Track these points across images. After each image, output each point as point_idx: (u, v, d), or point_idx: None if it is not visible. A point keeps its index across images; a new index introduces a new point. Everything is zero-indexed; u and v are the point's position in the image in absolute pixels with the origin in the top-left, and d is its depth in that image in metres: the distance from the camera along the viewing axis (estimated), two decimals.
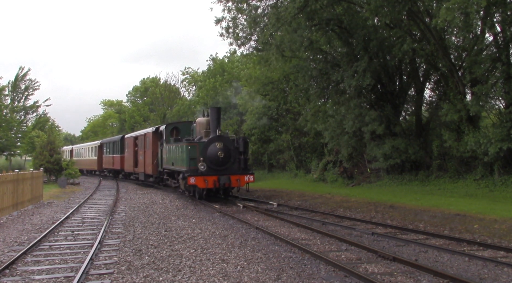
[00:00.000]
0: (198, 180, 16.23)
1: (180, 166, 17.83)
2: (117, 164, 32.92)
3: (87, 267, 7.44)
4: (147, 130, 25.77)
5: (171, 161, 19.62)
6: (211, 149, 16.68)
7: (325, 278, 6.79)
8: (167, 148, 20.53)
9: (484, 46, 17.37)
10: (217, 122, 17.36)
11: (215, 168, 16.64)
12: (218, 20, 22.87)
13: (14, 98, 47.48)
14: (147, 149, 24.53)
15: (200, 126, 18.60)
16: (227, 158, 16.79)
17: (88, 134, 76.28)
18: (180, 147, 17.93)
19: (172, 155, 19.42)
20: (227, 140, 17.12)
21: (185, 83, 54.87)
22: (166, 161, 20.81)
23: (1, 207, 13.77)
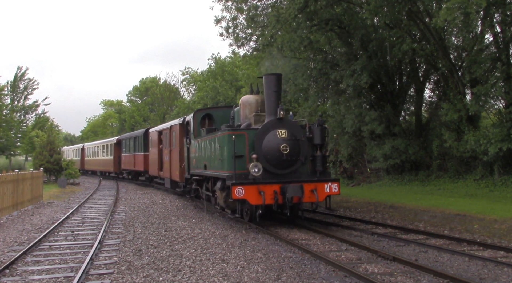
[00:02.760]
0: (249, 192, 10.20)
1: (217, 169, 11.79)
2: (140, 164, 27.24)
3: (87, 267, 7.44)
4: (173, 123, 19.54)
5: (202, 162, 13.58)
6: (269, 140, 10.68)
7: (325, 278, 6.79)
8: (197, 144, 14.43)
9: (484, 46, 17.37)
10: (277, 99, 11.11)
11: (275, 172, 10.74)
12: (218, 20, 22.89)
13: (14, 98, 47.48)
14: (173, 147, 18.62)
15: (246, 108, 12.33)
16: (295, 155, 10.81)
17: (88, 134, 76.30)
18: (217, 139, 11.77)
19: (205, 153, 13.30)
20: (294, 126, 11.12)
21: (185, 83, 54.90)
22: (196, 162, 14.67)
23: (1, 207, 13.77)
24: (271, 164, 10.72)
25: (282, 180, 10.66)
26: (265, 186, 10.37)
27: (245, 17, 22.08)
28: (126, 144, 31.74)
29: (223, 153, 11.23)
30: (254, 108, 12.15)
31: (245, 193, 10.21)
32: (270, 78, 11.24)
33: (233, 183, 10.26)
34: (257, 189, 10.30)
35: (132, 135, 30.62)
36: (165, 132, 20.75)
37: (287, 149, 10.63)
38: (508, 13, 15.34)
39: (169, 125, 19.98)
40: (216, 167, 11.89)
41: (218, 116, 15.21)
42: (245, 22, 22.40)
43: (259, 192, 10.26)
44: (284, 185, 10.43)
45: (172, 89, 54.43)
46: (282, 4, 20.54)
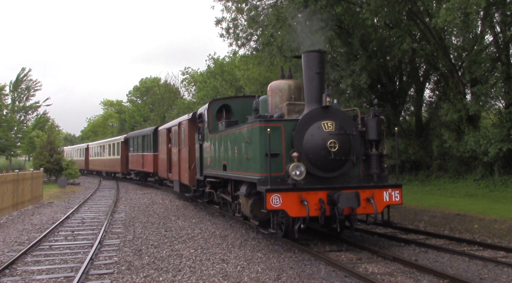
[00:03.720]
0: (288, 200, 8.12)
1: (242, 170, 9.65)
2: (149, 164, 24.93)
3: (87, 267, 7.44)
4: (181, 119, 17.64)
5: (220, 161, 11.42)
6: (313, 134, 8.56)
7: (325, 278, 6.79)
8: (213, 141, 12.33)
9: (484, 46, 17.38)
10: (321, 82, 8.93)
11: (320, 175, 8.63)
12: (218, 20, 22.90)
13: (15, 98, 47.51)
14: (182, 146, 16.71)
15: (277, 96, 10.07)
16: (345, 154, 8.64)
17: (88, 134, 76.37)
18: (244, 133, 9.52)
19: (224, 151, 11.12)
20: (343, 117, 8.90)
21: (185, 83, 54.92)
22: (211, 162, 12.50)
23: (1, 207, 13.78)
24: (315, 164, 8.49)
25: (330, 185, 8.51)
26: (309, 193, 8.18)
27: (245, 17, 22.09)
28: (134, 143, 29.43)
29: (253, 151, 8.90)
30: (286, 96, 9.87)
31: (283, 202, 8.05)
32: (312, 56, 8.90)
33: (268, 189, 8.04)
34: (298, 197, 8.08)
35: (140, 133, 28.17)
36: (173, 129, 18.77)
37: (335, 145, 8.40)
38: (508, 13, 15.34)
39: (178, 121, 18.04)
40: (241, 167, 9.68)
41: (237, 107, 12.91)
42: (245, 22, 22.41)
43: (301, 200, 8.07)
44: (332, 192, 8.25)
45: (172, 89, 54.43)
46: (282, 4, 20.56)
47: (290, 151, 8.45)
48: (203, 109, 13.64)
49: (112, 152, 34.48)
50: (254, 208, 9.11)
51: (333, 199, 8.17)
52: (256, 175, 8.72)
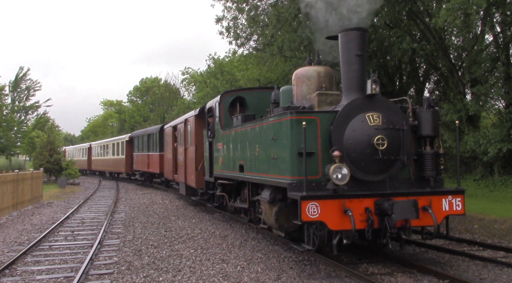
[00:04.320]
0: (327, 210, 6.71)
1: (267, 172, 8.19)
2: (154, 165, 23.53)
3: (87, 267, 7.44)
4: (188, 115, 16.31)
5: (236, 161, 10.06)
6: (356, 128, 7.15)
7: (325, 278, 6.79)
8: (226, 137, 10.98)
9: (484, 46, 17.39)
10: (362, 66, 7.54)
11: (364, 178, 7.21)
12: (218, 19, 22.92)
13: (15, 98, 47.52)
14: (189, 145, 15.50)
15: (304, 85, 8.66)
16: (395, 153, 7.23)
17: (88, 134, 76.41)
18: (269, 127, 8.06)
19: (240, 150, 9.75)
20: (391, 108, 7.47)
21: (185, 83, 54.93)
22: (224, 162, 11.17)
23: (1, 207, 13.78)
24: (358, 166, 7.03)
25: (377, 191, 7.09)
26: (353, 201, 6.73)
27: (245, 17, 22.10)
28: (139, 142, 28.02)
29: (281, 149, 7.43)
30: (315, 84, 8.47)
31: (321, 211, 6.57)
32: (352, 36, 7.41)
33: (304, 196, 6.55)
34: (340, 205, 6.65)
35: (146, 132, 26.86)
36: (179, 127, 17.46)
37: (384, 143, 6.95)
38: (508, 13, 15.36)
39: (184, 118, 16.82)
40: (264, 169, 8.26)
41: (252, 100, 11.70)
42: (245, 22, 22.43)
43: (344, 210, 6.62)
44: (381, 199, 6.81)
45: (172, 89, 54.44)
46: (283, 4, 20.57)
47: (330, 149, 6.97)
48: (213, 103, 12.21)
49: (116, 151, 33.28)
50: (280, 216, 7.78)
51: (384, 208, 6.72)
52: (285, 178, 7.22)
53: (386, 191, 7.10)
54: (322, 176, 7.04)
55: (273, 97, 9.54)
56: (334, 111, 7.36)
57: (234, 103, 11.66)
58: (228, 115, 11.42)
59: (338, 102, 7.90)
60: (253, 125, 8.98)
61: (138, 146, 28.18)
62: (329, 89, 8.52)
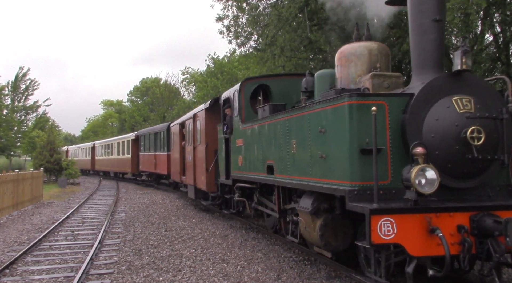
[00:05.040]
0: (406, 228, 4.87)
1: (307, 175, 6.63)
2: (162, 165, 21.97)
3: (87, 267, 7.44)
4: (197, 109, 14.87)
5: (262, 161, 8.50)
6: (438, 116, 5.36)
7: (325, 278, 6.79)
8: (248, 133, 9.34)
9: (484, 46, 17.39)
10: (442, 35, 5.86)
11: (451, 185, 5.39)
12: (219, 17, 22.95)
13: (14, 98, 47.55)
14: (198, 143, 14.01)
15: (351, 65, 6.96)
16: (492, 150, 5.37)
17: (88, 134, 76.46)
18: (317, 116, 6.29)
19: (270, 147, 8.12)
20: (485, 90, 5.60)
21: (185, 83, 54.95)
22: (245, 162, 9.60)
23: (1, 207, 13.79)
24: (443, 167, 5.26)
25: (472, 203, 5.28)
26: (440, 217, 4.98)
27: (246, 17, 22.13)
28: (145, 141, 26.38)
29: (334, 144, 5.78)
30: (367, 64, 6.77)
31: (397, 230, 4.86)
32: None
33: (376, 208, 4.86)
34: (424, 222, 4.93)
35: (152, 130, 25.33)
36: (187, 124, 15.79)
37: (480, 136, 5.18)
38: (508, 13, 15.35)
39: (192, 113, 15.28)
40: (305, 170, 6.61)
41: (278, 89, 10.06)
42: (245, 22, 22.44)
43: (431, 229, 4.90)
44: (479, 214, 5.05)
45: (172, 89, 54.44)
46: (283, 4, 20.58)
47: (403, 144, 5.40)
48: (231, 93, 10.68)
49: (121, 151, 31.84)
50: (327, 232, 6.26)
51: (486, 226, 4.94)
52: (341, 184, 5.55)
53: (485, 202, 5.28)
54: (392, 180, 5.39)
55: (304, 84, 8.15)
56: (407, 94, 5.60)
57: (255, 93, 9.95)
58: (250, 107, 9.77)
59: (398, 86, 6.33)
60: (289, 116, 7.23)
61: (144, 145, 26.67)
62: (385, 70, 6.81)
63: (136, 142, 29.00)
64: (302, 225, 6.87)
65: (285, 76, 11.00)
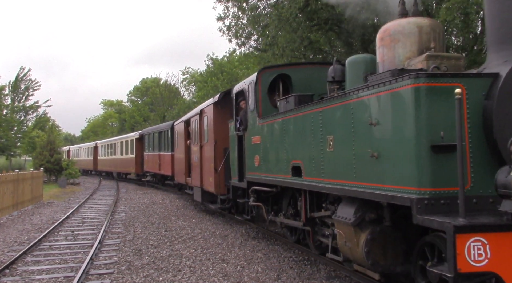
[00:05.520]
0: (504, 251, 3.71)
1: (354, 178, 5.30)
2: (166, 166, 20.90)
3: (87, 267, 7.44)
4: (204, 105, 13.79)
5: (285, 161, 7.41)
6: None
7: (325, 278, 6.79)
8: (266, 129, 8.35)
9: (484, 46, 17.39)
10: None
11: None
12: (220, 17, 22.97)
13: (14, 98, 47.57)
14: (205, 141, 13.03)
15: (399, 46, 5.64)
16: None
17: (88, 134, 76.50)
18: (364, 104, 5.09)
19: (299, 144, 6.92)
20: None
21: (185, 83, 54.96)
22: (263, 162, 8.49)
23: (1, 207, 13.79)
24: None
25: None
26: None
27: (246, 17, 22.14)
28: (149, 140, 25.23)
29: (393, 139, 4.68)
30: (417, 44, 5.62)
31: (491, 255, 3.79)
32: None
33: (464, 225, 3.75)
34: None
35: (157, 129, 24.18)
36: (193, 121, 14.81)
37: None
38: None
39: (199, 109, 14.31)
40: (346, 172, 5.48)
41: (300, 79, 8.94)
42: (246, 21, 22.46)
43: None
44: None
45: (172, 89, 54.45)
46: (283, 4, 20.59)
47: (486, 139, 4.33)
48: (245, 84, 9.56)
49: (124, 150, 30.65)
50: (374, 248, 5.10)
51: None
52: (405, 190, 4.40)
53: None
54: (473, 186, 4.25)
55: (331, 74, 7.25)
56: (489, 74, 4.46)
57: (274, 83, 8.95)
58: (268, 100, 8.81)
59: (458, 69, 5.21)
60: (323, 106, 6.06)
61: (149, 145, 25.48)
62: (440, 50, 5.72)
63: (140, 141, 27.89)
64: (341, 239, 5.60)
65: (308, 65, 9.86)
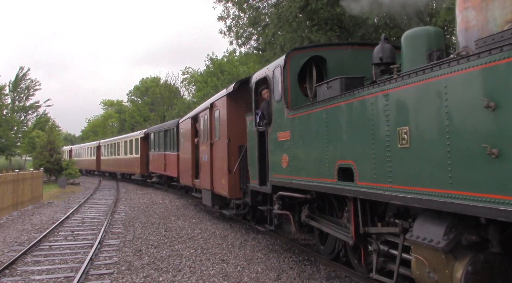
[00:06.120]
0: None
1: (446, 186, 3.70)
2: (172, 167, 19.58)
3: (87, 267, 7.44)
4: (216, 97, 12.35)
5: (328, 162, 5.84)
6: None
7: (325, 278, 6.78)
8: (298, 123, 6.79)
9: None
10: None
11: None
12: (220, 17, 22.98)
13: (15, 98, 47.56)
14: (217, 138, 11.68)
15: (492, 4, 4.03)
16: None
17: (88, 134, 76.53)
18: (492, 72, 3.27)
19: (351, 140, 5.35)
20: None
21: (185, 83, 54.96)
22: (293, 162, 6.92)
23: (1, 207, 13.78)
24: None
25: None
26: None
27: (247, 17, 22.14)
28: (155, 139, 23.77)
29: None
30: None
31: None
32: None
33: None
34: None
35: (162, 127, 22.62)
36: (202, 116, 13.44)
37: None
38: None
39: (209, 102, 12.74)
40: (437, 177, 3.91)
41: (337, 63, 7.58)
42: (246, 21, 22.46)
43: None
44: None
45: (172, 89, 54.45)
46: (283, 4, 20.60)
47: None
48: (269, 70, 8.09)
49: (129, 150, 29.24)
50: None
51: None
52: None
53: None
54: None
55: (377, 54, 6.06)
56: None
57: (305, 67, 7.54)
58: (299, 87, 7.42)
59: None
60: (391, 88, 4.54)
61: (154, 144, 23.97)
62: None
63: (145, 140, 26.28)
64: (421, 267, 4.25)
65: (345, 46, 8.13)
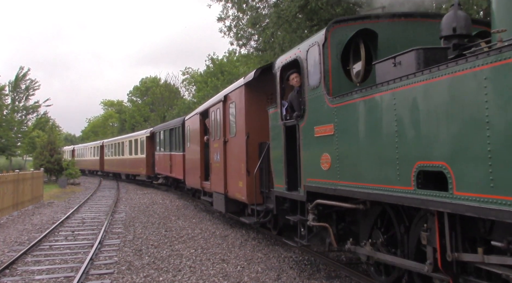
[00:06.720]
0: None
1: None
2: (178, 168, 18.27)
3: (87, 267, 7.44)
4: (231, 88, 10.86)
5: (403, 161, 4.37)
6: None
7: (325, 278, 6.79)
8: (350, 112, 5.29)
9: None
10: None
11: None
12: (220, 17, 22.99)
13: (15, 98, 47.59)
14: (232, 135, 10.36)
15: None
16: None
17: (89, 135, 76.58)
18: None
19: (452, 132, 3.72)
20: None
21: (185, 83, 54.97)
22: (340, 164, 5.48)
23: (1, 207, 13.79)
24: None
25: None
26: None
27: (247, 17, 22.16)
28: (160, 139, 22.50)
29: None
30: None
31: None
32: None
33: None
34: None
35: (168, 125, 21.30)
36: (213, 111, 12.10)
37: None
38: None
39: (222, 95, 11.31)
40: None
41: (390, 39, 6.09)
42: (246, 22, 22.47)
43: None
44: None
45: (172, 89, 54.46)
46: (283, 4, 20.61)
47: None
48: (302, 50, 6.62)
49: (134, 150, 27.96)
50: None
51: None
52: None
53: None
54: None
55: (449, 24, 4.98)
56: None
57: (350, 44, 6.09)
58: (342, 70, 6.03)
59: None
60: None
61: (159, 143, 22.64)
62: None
63: (151, 139, 24.93)
64: None
65: (403, 18, 6.40)
